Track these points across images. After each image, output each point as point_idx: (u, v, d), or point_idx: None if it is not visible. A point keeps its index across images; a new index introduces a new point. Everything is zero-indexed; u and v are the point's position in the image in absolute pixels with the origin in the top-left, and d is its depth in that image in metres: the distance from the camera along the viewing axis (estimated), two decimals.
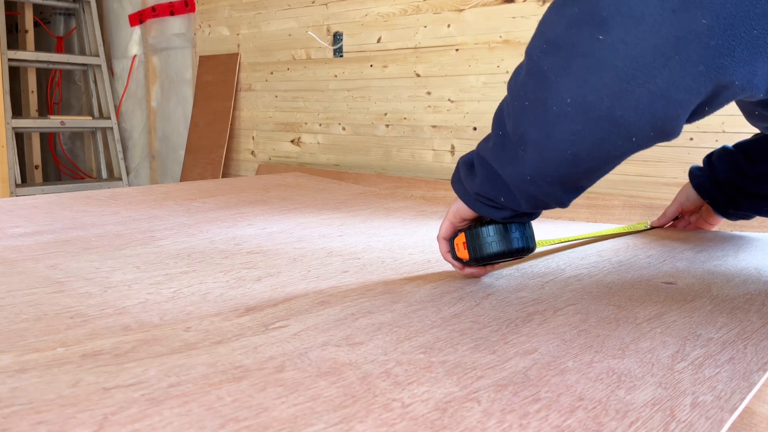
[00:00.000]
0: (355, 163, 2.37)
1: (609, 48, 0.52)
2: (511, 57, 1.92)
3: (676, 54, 0.50)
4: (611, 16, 0.52)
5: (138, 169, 3.48)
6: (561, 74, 0.56)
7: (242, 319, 0.63)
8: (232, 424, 0.42)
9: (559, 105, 0.57)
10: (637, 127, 0.55)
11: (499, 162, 0.65)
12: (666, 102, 0.53)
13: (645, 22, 0.50)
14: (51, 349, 0.54)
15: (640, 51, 0.51)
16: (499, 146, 0.65)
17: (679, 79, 0.51)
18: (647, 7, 0.50)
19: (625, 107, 0.54)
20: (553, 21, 0.58)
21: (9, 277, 0.77)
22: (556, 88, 0.57)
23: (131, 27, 3.36)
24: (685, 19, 0.49)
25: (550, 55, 0.57)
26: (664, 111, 0.54)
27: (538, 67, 0.58)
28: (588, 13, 0.53)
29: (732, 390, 0.49)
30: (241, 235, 1.04)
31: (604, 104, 0.55)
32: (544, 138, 0.60)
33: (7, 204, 1.27)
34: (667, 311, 0.67)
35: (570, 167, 0.61)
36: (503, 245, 0.71)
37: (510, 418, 0.43)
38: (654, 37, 0.50)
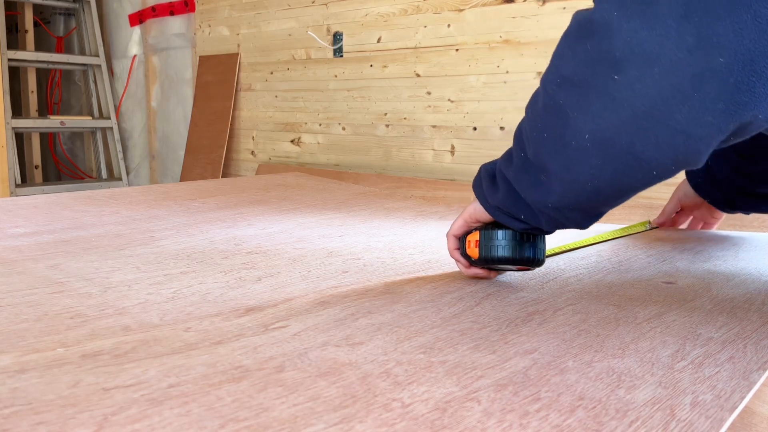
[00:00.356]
0: (355, 163, 2.37)
1: (625, 87, 0.52)
2: (511, 57, 1.92)
3: (694, 92, 0.49)
4: (625, 57, 0.51)
5: (138, 169, 3.49)
6: (578, 110, 0.56)
7: (242, 319, 0.63)
8: (232, 425, 0.42)
9: (578, 140, 0.57)
10: (657, 162, 0.55)
11: (521, 185, 0.65)
12: (686, 137, 0.52)
13: (661, 63, 0.49)
14: (51, 349, 0.54)
15: (657, 91, 0.50)
16: (521, 169, 0.65)
17: (699, 115, 0.51)
18: (662, 48, 0.49)
19: (645, 143, 0.54)
20: (565, 56, 0.57)
21: (9, 277, 0.77)
22: (574, 123, 0.56)
23: (131, 27, 3.36)
24: (703, 59, 0.48)
25: (566, 90, 0.56)
26: (684, 146, 0.53)
27: (555, 101, 0.58)
28: (601, 52, 0.52)
29: (732, 389, 0.49)
30: (241, 235, 1.04)
31: (623, 140, 0.54)
32: (564, 171, 0.60)
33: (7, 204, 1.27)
34: (667, 311, 0.67)
35: (591, 197, 0.61)
36: (513, 252, 0.71)
37: (510, 418, 0.43)
38: (671, 77, 0.49)
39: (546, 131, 0.60)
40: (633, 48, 0.50)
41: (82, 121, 3.41)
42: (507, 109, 1.95)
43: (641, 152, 0.54)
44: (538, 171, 0.63)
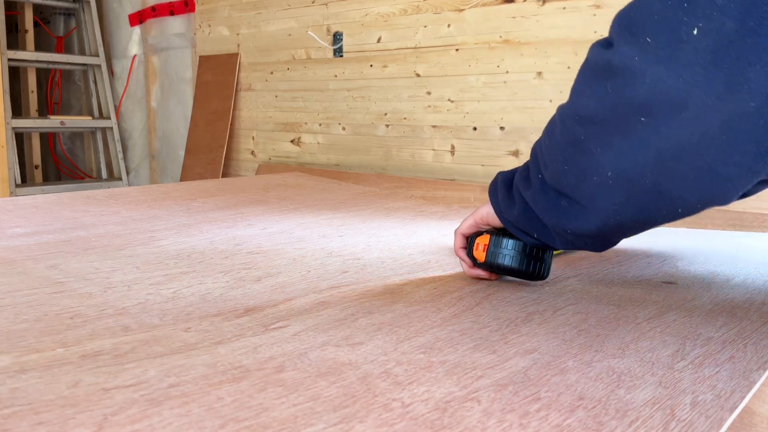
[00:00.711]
0: (355, 163, 2.37)
1: (651, 131, 0.51)
2: (511, 57, 1.92)
3: (723, 135, 0.49)
4: (651, 102, 0.50)
5: (138, 169, 3.49)
6: (601, 147, 0.55)
7: (242, 319, 0.63)
8: (232, 425, 0.42)
9: (600, 176, 0.56)
10: (683, 200, 0.54)
11: (539, 207, 0.65)
12: (714, 177, 0.51)
13: (689, 109, 0.48)
14: (51, 349, 0.54)
15: (686, 135, 0.50)
16: (540, 192, 0.64)
17: (728, 157, 0.50)
18: (691, 95, 0.48)
19: (671, 183, 0.53)
20: (584, 94, 0.56)
21: (9, 277, 0.77)
22: (596, 160, 0.56)
23: (131, 27, 3.36)
24: (733, 104, 0.47)
25: (587, 127, 0.55)
26: (712, 186, 0.52)
27: (576, 136, 0.57)
28: (624, 96, 0.51)
29: (732, 389, 0.49)
30: (241, 235, 1.04)
31: (647, 180, 0.54)
32: (586, 203, 0.60)
33: (6, 204, 1.27)
34: (667, 311, 0.67)
35: (613, 228, 0.61)
36: (520, 264, 0.72)
37: (510, 418, 0.43)
38: (700, 123, 0.49)
39: (567, 164, 0.59)
40: (659, 94, 0.49)
41: (82, 121, 3.41)
42: (507, 109, 1.95)
43: (667, 191, 0.54)
44: (558, 196, 0.62)
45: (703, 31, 0.47)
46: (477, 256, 0.74)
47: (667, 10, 0.49)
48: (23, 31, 3.42)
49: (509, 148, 1.95)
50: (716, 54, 0.47)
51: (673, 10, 0.48)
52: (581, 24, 1.77)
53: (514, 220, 0.69)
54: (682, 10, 0.48)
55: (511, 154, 1.95)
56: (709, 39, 0.47)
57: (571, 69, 1.80)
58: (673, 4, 0.48)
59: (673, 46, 0.48)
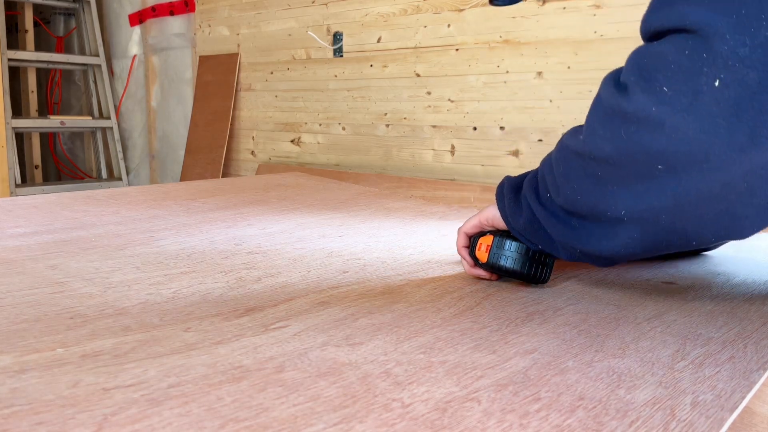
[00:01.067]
0: (355, 163, 2.37)
1: (671, 179, 0.50)
2: (511, 57, 1.92)
3: (744, 182, 0.49)
4: (670, 153, 0.49)
5: (138, 169, 3.49)
6: (616, 186, 0.54)
7: (242, 319, 0.63)
8: (232, 425, 0.42)
9: (614, 212, 0.56)
10: (699, 236, 0.55)
11: (548, 224, 0.65)
12: (731, 218, 0.52)
13: (710, 161, 0.48)
14: (51, 349, 0.54)
15: (707, 185, 0.49)
16: (550, 210, 0.64)
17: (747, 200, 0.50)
18: (712, 147, 0.47)
19: (687, 223, 0.53)
20: (597, 134, 0.55)
21: (9, 277, 0.77)
22: (611, 196, 0.55)
23: (131, 27, 3.36)
24: (756, 155, 0.47)
25: (602, 166, 0.55)
26: (728, 226, 0.53)
27: (590, 170, 0.56)
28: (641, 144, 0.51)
29: (732, 389, 0.49)
30: (241, 235, 1.04)
31: (663, 220, 0.54)
32: (597, 233, 0.59)
33: (6, 204, 1.27)
34: (667, 311, 0.67)
35: (622, 256, 0.61)
36: (522, 267, 0.72)
37: (510, 418, 0.43)
38: (721, 174, 0.48)
39: (580, 195, 0.59)
40: (679, 145, 0.48)
41: (82, 121, 3.41)
42: (507, 109, 1.95)
43: (682, 229, 0.54)
44: (570, 217, 0.62)
45: (725, 82, 0.46)
46: (479, 256, 0.74)
47: (684, 60, 0.48)
48: (23, 31, 3.42)
49: (509, 148, 1.95)
50: (739, 106, 0.46)
51: (690, 60, 0.47)
52: (581, 24, 1.77)
53: (521, 228, 0.69)
54: (701, 61, 0.47)
55: (511, 154, 1.95)
56: (731, 90, 0.46)
57: (571, 69, 1.80)
58: (690, 55, 0.47)
59: (692, 96, 0.47)
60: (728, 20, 0.46)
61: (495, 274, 0.76)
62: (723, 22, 0.46)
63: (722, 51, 0.46)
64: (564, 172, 0.60)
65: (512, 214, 0.70)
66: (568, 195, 0.60)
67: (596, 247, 0.61)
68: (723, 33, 0.46)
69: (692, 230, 0.54)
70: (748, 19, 0.45)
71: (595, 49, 1.74)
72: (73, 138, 3.79)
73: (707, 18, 0.47)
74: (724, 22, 0.46)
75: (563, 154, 0.60)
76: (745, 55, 0.45)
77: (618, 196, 0.55)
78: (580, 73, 1.78)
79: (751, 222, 0.53)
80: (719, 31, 0.46)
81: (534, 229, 0.67)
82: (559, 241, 0.65)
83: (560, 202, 0.62)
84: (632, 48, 0.54)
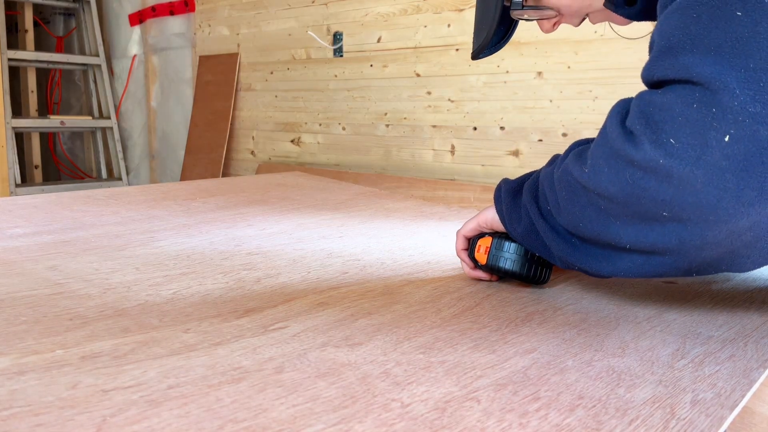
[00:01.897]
0: (355, 162, 2.37)
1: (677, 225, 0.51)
2: (512, 57, 1.91)
3: (750, 232, 0.50)
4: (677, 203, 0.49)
5: (138, 168, 3.48)
6: (620, 221, 0.55)
7: (241, 320, 0.63)
8: (231, 425, 0.42)
9: (618, 243, 0.56)
10: (700, 273, 0.56)
11: (548, 237, 0.65)
12: (733, 258, 0.54)
13: (718, 214, 0.48)
14: (50, 351, 0.54)
15: (712, 234, 0.50)
16: (551, 224, 0.64)
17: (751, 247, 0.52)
18: (720, 201, 0.48)
19: (690, 263, 0.54)
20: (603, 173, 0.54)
21: (8, 278, 0.77)
22: (615, 229, 0.55)
23: (131, 27, 3.36)
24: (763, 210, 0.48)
25: (606, 201, 0.55)
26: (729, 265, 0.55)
27: (594, 202, 0.56)
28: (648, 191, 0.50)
29: (732, 387, 0.49)
30: (241, 235, 1.04)
31: (666, 257, 0.54)
32: (598, 255, 0.60)
33: (6, 204, 1.27)
34: (667, 310, 0.67)
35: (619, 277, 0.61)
36: (521, 268, 0.72)
37: (510, 417, 0.43)
38: (728, 226, 0.49)
39: (582, 221, 0.58)
40: (686, 197, 0.49)
41: (82, 120, 3.40)
42: (507, 109, 1.94)
43: (685, 267, 0.55)
44: (571, 236, 0.62)
45: (735, 138, 0.46)
46: (478, 258, 0.74)
47: (693, 113, 0.47)
48: (23, 31, 3.41)
49: (509, 148, 1.95)
50: (749, 161, 0.46)
51: (699, 113, 0.47)
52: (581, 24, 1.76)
53: (519, 235, 0.68)
54: (710, 116, 0.47)
55: (511, 154, 1.95)
56: (742, 146, 0.46)
57: (571, 69, 1.80)
58: (699, 109, 0.47)
59: (700, 149, 0.47)
60: (737, 74, 0.46)
61: (495, 275, 0.76)
62: (731, 77, 0.46)
63: (732, 107, 0.46)
64: (567, 197, 0.60)
65: (511, 220, 0.69)
66: (570, 219, 0.60)
67: (596, 267, 0.61)
68: (732, 88, 0.46)
69: (694, 267, 0.55)
70: (756, 73, 0.45)
71: (596, 48, 1.74)
72: (73, 138, 3.79)
73: (715, 71, 0.46)
74: (733, 77, 0.46)
75: (567, 180, 0.60)
76: (756, 112, 0.45)
77: (621, 230, 0.55)
78: (580, 72, 1.78)
79: (753, 261, 0.55)
80: (728, 86, 0.46)
81: (533, 238, 0.67)
82: (558, 256, 0.65)
83: (562, 222, 0.62)
84: (632, 48, 0.54)
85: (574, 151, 0.60)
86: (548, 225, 0.64)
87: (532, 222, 0.66)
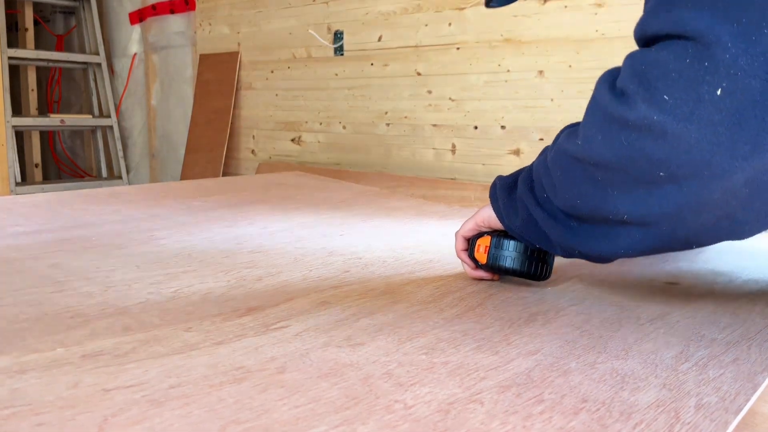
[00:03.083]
0: (356, 162, 2.37)
1: (673, 186, 0.51)
2: (512, 56, 1.91)
3: (746, 188, 0.49)
4: (672, 161, 0.49)
5: (138, 167, 3.48)
6: (617, 189, 0.54)
7: (243, 319, 0.63)
8: (233, 426, 0.41)
9: (615, 215, 0.56)
10: (699, 242, 0.55)
11: (546, 225, 0.64)
12: (731, 222, 0.52)
13: (712, 169, 0.48)
14: (51, 349, 0.54)
15: (708, 192, 0.50)
16: (548, 212, 0.64)
17: (748, 206, 0.51)
18: (714, 157, 0.47)
19: (688, 230, 0.54)
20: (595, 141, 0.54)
21: (9, 276, 0.77)
22: (612, 200, 0.55)
23: (131, 25, 3.36)
24: (758, 162, 0.47)
25: (601, 171, 0.54)
26: (728, 230, 0.54)
27: (590, 174, 0.56)
28: (642, 151, 0.50)
29: (737, 391, 0.48)
30: (242, 234, 1.04)
31: (664, 227, 0.54)
32: (597, 235, 0.59)
33: (6, 202, 1.27)
34: (670, 312, 0.67)
35: (621, 257, 0.61)
36: (522, 265, 0.71)
37: (513, 420, 0.43)
38: (723, 182, 0.49)
39: (580, 198, 0.58)
40: (681, 154, 0.48)
41: (82, 119, 3.40)
42: (508, 108, 1.94)
43: (684, 235, 0.54)
44: (568, 218, 0.62)
45: (727, 90, 0.46)
46: (478, 257, 0.74)
47: (685, 68, 0.47)
48: (23, 30, 3.41)
49: (510, 147, 1.95)
50: (741, 114, 0.46)
51: (691, 69, 0.47)
52: (582, 23, 1.76)
53: (517, 228, 0.68)
54: (703, 70, 0.46)
55: (512, 153, 1.94)
56: (734, 99, 0.46)
57: (572, 68, 1.79)
58: (691, 63, 0.47)
59: (693, 105, 0.47)
60: (730, 28, 0.45)
61: (496, 274, 0.76)
62: (724, 30, 0.46)
63: (724, 60, 0.46)
64: (562, 176, 0.60)
65: (508, 215, 0.69)
66: (567, 198, 0.60)
67: (596, 248, 0.61)
68: (725, 41, 0.45)
69: (694, 237, 0.55)
70: (750, 27, 0.45)
71: (597, 47, 1.74)
72: (73, 136, 3.78)
73: (708, 25, 0.46)
74: (726, 30, 0.45)
75: (561, 158, 0.60)
76: (747, 64, 0.45)
77: (618, 200, 0.55)
78: (581, 72, 1.77)
79: (751, 227, 0.54)
80: (721, 40, 0.46)
81: (531, 229, 0.67)
82: (557, 243, 0.65)
83: (559, 205, 0.62)
84: (633, 48, 0.54)
85: (565, 132, 0.61)
86: (545, 213, 0.64)
87: (529, 212, 0.66)
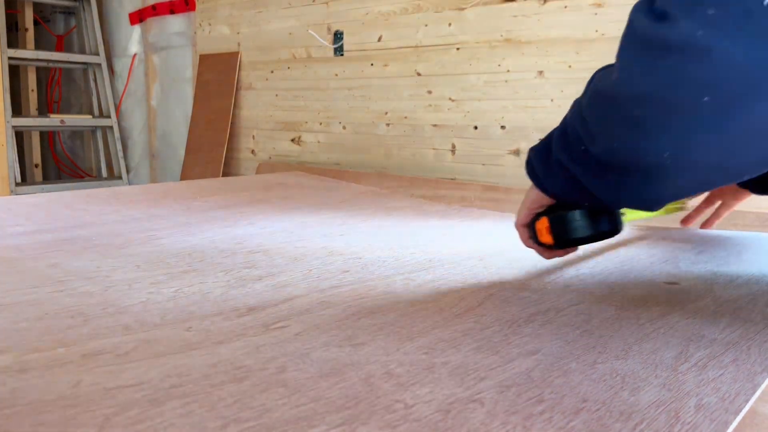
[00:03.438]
0: (356, 162, 2.37)
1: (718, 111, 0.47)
2: (513, 56, 1.91)
3: None
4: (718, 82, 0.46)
5: (138, 167, 3.48)
6: (656, 126, 0.51)
7: (244, 319, 0.63)
8: (234, 425, 0.41)
9: (657, 157, 0.53)
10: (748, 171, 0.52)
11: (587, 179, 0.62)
12: None
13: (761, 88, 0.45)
14: (51, 349, 0.54)
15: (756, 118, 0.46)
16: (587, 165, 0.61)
17: None
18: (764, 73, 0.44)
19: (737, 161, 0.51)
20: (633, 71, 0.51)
21: (9, 276, 0.77)
22: (652, 140, 0.52)
23: (131, 25, 3.36)
24: None
25: (640, 106, 0.51)
26: None
27: (627, 112, 0.53)
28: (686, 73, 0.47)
29: (736, 391, 0.48)
30: (242, 234, 1.04)
31: (711, 160, 0.51)
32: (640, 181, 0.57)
33: (7, 202, 1.27)
34: (670, 312, 0.67)
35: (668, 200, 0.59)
36: (591, 229, 0.69)
37: (514, 420, 0.43)
38: None
39: (617, 141, 0.56)
40: (728, 72, 0.45)
41: (82, 119, 3.40)
42: (508, 108, 1.94)
43: (730, 167, 0.52)
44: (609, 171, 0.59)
45: None
46: (544, 240, 0.72)
47: None
48: (23, 30, 3.41)
49: (510, 147, 1.95)
50: None
51: None
52: (582, 23, 1.76)
53: (561, 192, 0.66)
54: None
55: (512, 153, 1.94)
56: None
57: (572, 68, 1.79)
58: None
59: (741, 18, 0.44)
60: None
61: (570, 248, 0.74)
62: None
63: None
64: (598, 120, 0.57)
65: (548, 182, 0.67)
66: (604, 144, 0.57)
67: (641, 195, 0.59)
68: None
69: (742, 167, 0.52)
70: None
71: (597, 48, 1.74)
72: (73, 137, 3.78)
73: None
74: None
75: (595, 101, 0.57)
76: None
77: (659, 138, 0.51)
78: (581, 72, 1.77)
79: None
80: None
81: (574, 188, 0.64)
82: (602, 196, 0.63)
83: (596, 152, 0.59)
84: None
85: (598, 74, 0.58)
86: (584, 167, 0.62)
87: (569, 172, 0.64)
